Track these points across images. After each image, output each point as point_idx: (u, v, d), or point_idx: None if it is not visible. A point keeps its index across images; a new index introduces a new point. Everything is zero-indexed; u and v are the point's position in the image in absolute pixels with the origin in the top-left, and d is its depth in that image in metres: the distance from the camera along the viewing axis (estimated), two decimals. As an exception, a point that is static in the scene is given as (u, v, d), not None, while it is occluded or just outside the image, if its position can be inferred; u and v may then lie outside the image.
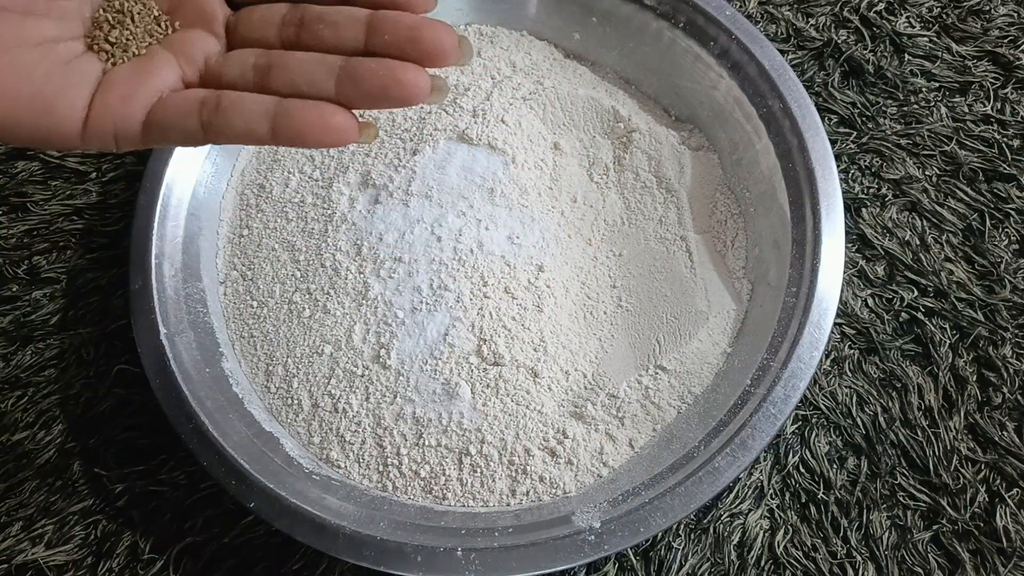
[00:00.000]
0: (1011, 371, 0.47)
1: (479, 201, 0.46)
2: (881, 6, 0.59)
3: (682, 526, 0.43)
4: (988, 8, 0.59)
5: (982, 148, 0.54)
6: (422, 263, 0.44)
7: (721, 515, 0.43)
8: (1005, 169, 0.54)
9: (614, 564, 0.42)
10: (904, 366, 0.48)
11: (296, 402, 0.42)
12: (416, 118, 0.49)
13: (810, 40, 0.58)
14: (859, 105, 0.55)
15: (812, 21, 0.59)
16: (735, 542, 0.43)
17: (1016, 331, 0.49)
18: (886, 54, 0.58)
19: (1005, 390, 0.47)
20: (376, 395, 0.42)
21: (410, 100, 0.25)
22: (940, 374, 0.47)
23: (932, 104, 0.56)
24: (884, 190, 0.53)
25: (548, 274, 0.45)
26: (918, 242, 0.51)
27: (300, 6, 0.27)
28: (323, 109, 0.25)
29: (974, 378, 0.47)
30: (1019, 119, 0.55)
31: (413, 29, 0.25)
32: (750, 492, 0.44)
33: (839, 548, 0.43)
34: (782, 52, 0.50)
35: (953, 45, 0.58)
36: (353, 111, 0.26)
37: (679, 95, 0.52)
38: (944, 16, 0.59)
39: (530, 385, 0.42)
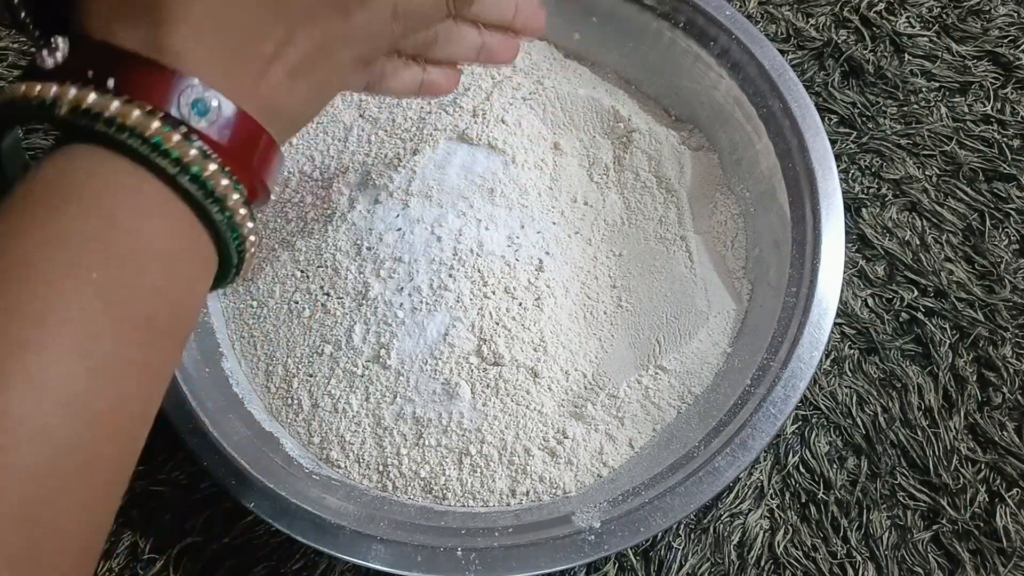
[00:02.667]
0: (1011, 371, 0.47)
1: (479, 201, 0.46)
2: (881, 6, 0.59)
3: (682, 526, 0.43)
4: (988, 8, 0.59)
5: (982, 148, 0.54)
6: (422, 263, 0.44)
7: (721, 515, 0.43)
8: (1005, 169, 0.54)
9: (614, 564, 0.42)
10: (904, 366, 0.48)
11: (296, 402, 0.42)
12: (416, 118, 0.49)
13: (810, 40, 0.58)
14: (859, 105, 0.55)
15: (812, 21, 0.59)
16: (735, 542, 0.43)
17: (1016, 331, 0.49)
18: (886, 54, 0.58)
19: (1005, 390, 0.47)
20: (376, 395, 0.42)
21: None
22: (940, 374, 0.47)
23: (932, 104, 0.56)
24: (884, 190, 0.53)
25: (548, 274, 0.45)
26: (918, 242, 0.51)
27: None
28: (452, 79, 0.38)
29: (974, 378, 0.47)
30: (1019, 119, 0.55)
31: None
32: (750, 492, 0.44)
33: (839, 548, 0.43)
34: (782, 52, 0.50)
35: (953, 45, 0.58)
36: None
37: (679, 95, 0.52)
38: (944, 16, 0.59)
39: (530, 385, 0.42)
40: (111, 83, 0.22)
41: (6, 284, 0.20)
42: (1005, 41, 0.58)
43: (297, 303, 0.44)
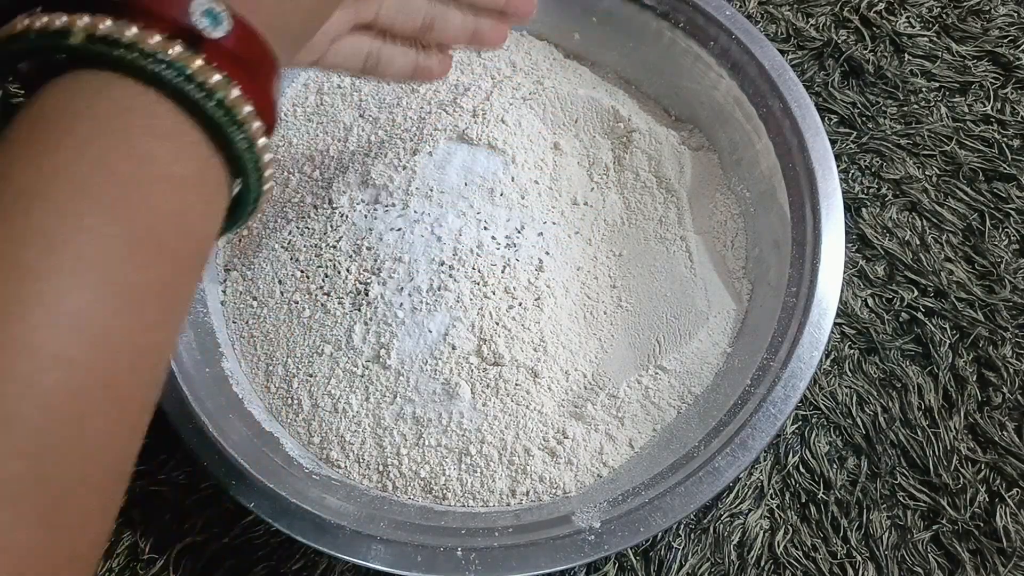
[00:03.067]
0: (1011, 371, 0.47)
1: (479, 201, 0.46)
2: (881, 6, 0.59)
3: (682, 526, 0.43)
4: (988, 8, 0.59)
5: (982, 148, 0.54)
6: (422, 263, 0.44)
7: (721, 515, 0.44)
8: (1005, 169, 0.54)
9: (614, 564, 0.42)
10: (904, 366, 0.48)
11: (296, 402, 0.42)
12: (416, 118, 0.49)
13: (810, 40, 0.58)
14: (859, 105, 0.55)
15: (812, 21, 0.59)
16: (735, 542, 0.43)
17: (1016, 331, 0.49)
18: (886, 54, 0.58)
19: (1005, 390, 0.47)
20: (376, 395, 0.42)
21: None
22: (940, 374, 0.47)
23: (932, 104, 0.56)
24: (884, 190, 0.53)
25: (548, 274, 0.45)
26: (918, 242, 0.51)
27: None
28: (445, 65, 0.40)
29: (974, 378, 0.47)
30: (1019, 119, 0.55)
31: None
32: (750, 492, 0.44)
33: (839, 548, 0.43)
34: (782, 52, 0.50)
35: (953, 45, 0.58)
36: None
37: (679, 95, 0.52)
38: (944, 16, 0.59)
39: (530, 385, 0.42)
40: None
41: (15, 212, 0.20)
42: (1005, 41, 0.58)
43: (297, 303, 0.44)
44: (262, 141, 0.24)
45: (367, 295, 0.43)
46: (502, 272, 0.44)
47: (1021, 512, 0.44)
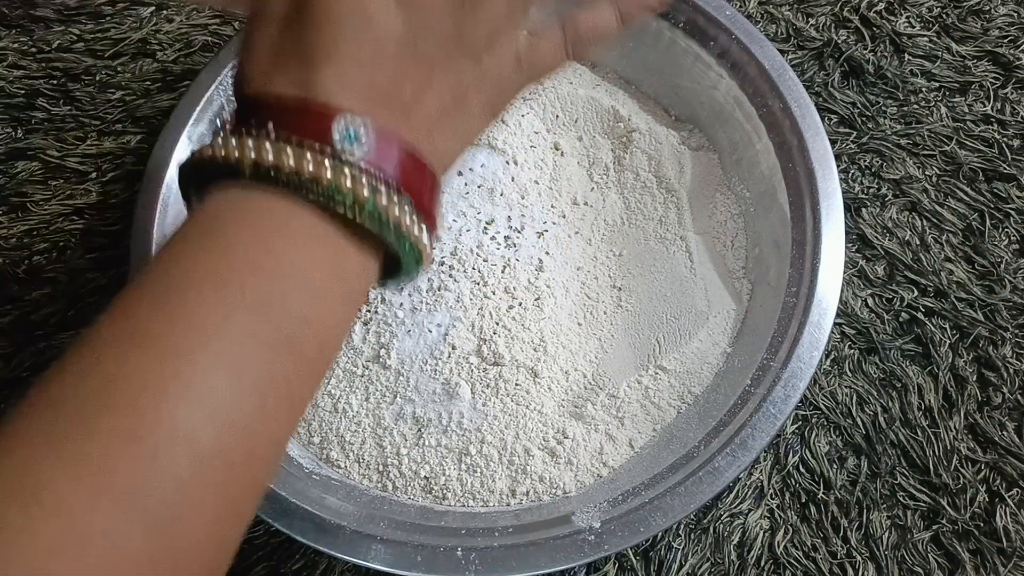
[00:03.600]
0: (1011, 371, 0.47)
1: (479, 201, 0.46)
2: (881, 6, 0.59)
3: (682, 526, 0.43)
4: (988, 8, 0.59)
5: (982, 148, 0.54)
6: (422, 263, 0.44)
7: (721, 515, 0.44)
8: (1005, 169, 0.54)
9: (614, 564, 0.42)
10: (904, 366, 0.48)
11: (296, 402, 0.42)
12: (416, 118, 0.49)
13: (810, 40, 0.58)
14: (859, 105, 0.55)
15: (812, 21, 0.59)
16: (735, 542, 0.43)
17: (1016, 331, 0.49)
18: (886, 54, 0.58)
19: (1005, 390, 0.47)
20: (376, 395, 0.42)
21: None
22: (940, 374, 0.47)
23: (932, 104, 0.56)
24: (884, 190, 0.53)
25: (548, 274, 0.45)
26: (918, 242, 0.51)
27: None
28: None
29: (974, 378, 0.47)
30: (1019, 119, 0.55)
31: None
32: (750, 492, 0.44)
33: (839, 548, 0.43)
34: (782, 52, 0.50)
35: (953, 45, 0.58)
36: None
37: (679, 95, 0.52)
38: (944, 16, 0.59)
39: (530, 385, 0.42)
40: (270, 126, 0.23)
41: (168, 298, 0.22)
42: (1005, 41, 0.58)
43: (297, 303, 0.44)
44: (415, 234, 0.25)
45: (367, 295, 0.43)
46: (502, 272, 0.44)
47: (1021, 512, 0.44)
